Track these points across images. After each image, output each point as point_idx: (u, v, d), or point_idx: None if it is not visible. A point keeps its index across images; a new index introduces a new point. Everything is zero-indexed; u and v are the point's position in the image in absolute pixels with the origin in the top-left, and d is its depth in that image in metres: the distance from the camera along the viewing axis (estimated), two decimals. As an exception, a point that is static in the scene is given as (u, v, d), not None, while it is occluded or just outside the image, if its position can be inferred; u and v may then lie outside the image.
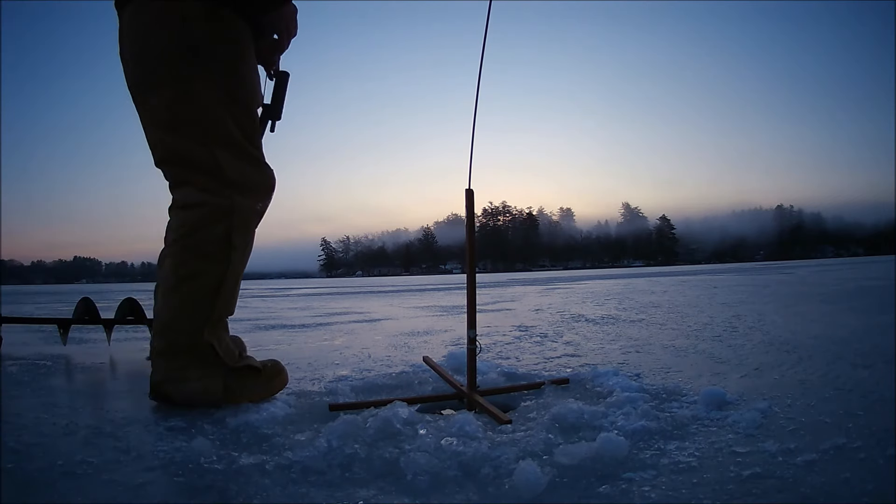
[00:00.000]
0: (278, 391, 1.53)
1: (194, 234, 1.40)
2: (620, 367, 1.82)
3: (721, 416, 1.21)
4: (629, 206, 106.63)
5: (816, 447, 0.99)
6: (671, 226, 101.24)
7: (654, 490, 0.87)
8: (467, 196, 1.43)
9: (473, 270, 1.44)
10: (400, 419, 1.16)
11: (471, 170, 1.55)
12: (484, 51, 1.92)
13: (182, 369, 1.41)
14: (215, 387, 1.41)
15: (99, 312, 2.66)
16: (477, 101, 1.74)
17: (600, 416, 1.20)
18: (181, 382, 1.41)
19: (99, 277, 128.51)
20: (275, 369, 1.53)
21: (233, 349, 1.50)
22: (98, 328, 2.73)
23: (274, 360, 1.57)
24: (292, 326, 3.87)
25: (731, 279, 9.67)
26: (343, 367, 2.02)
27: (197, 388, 1.40)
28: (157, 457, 1.08)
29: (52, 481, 0.96)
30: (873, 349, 1.93)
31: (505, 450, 0.99)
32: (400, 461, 0.97)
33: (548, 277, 17.72)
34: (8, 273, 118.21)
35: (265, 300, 8.46)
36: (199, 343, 1.41)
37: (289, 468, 1.00)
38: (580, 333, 2.84)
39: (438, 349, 2.20)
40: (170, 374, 1.41)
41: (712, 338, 2.44)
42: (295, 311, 5.54)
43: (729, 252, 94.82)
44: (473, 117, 1.68)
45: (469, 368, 1.40)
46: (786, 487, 0.85)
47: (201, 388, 1.40)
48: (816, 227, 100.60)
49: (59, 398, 1.63)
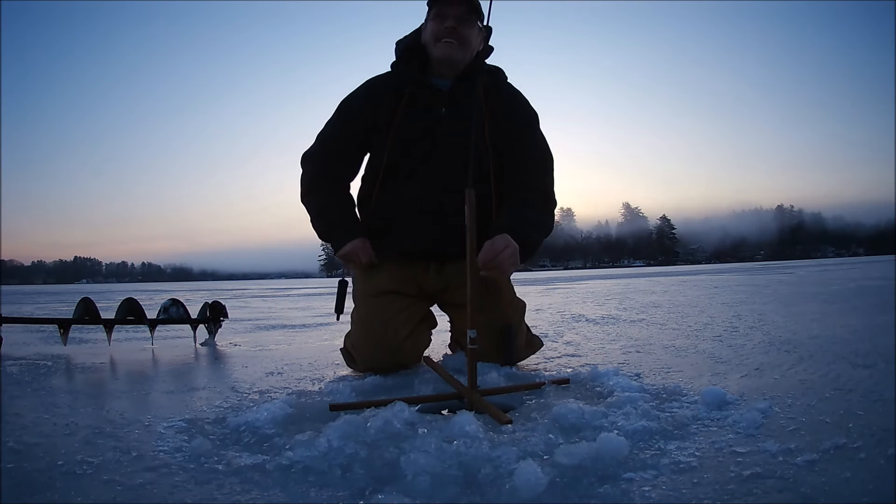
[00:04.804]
0: None
1: None
2: (621, 367, 1.82)
3: (721, 416, 1.21)
4: (629, 206, 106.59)
5: (817, 447, 0.99)
6: (671, 226, 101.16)
7: (654, 490, 0.86)
8: (467, 196, 1.43)
9: (474, 270, 1.44)
10: (400, 419, 1.16)
11: (471, 170, 1.55)
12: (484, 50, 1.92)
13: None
14: None
15: (99, 312, 2.66)
16: (477, 100, 1.74)
17: (601, 416, 1.20)
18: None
19: (99, 278, 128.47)
20: None
21: None
22: (98, 328, 2.73)
23: None
24: (293, 326, 3.87)
25: (731, 279, 9.67)
26: (343, 367, 2.02)
27: None
28: (157, 457, 1.08)
29: (52, 481, 0.96)
30: (873, 349, 1.93)
31: (505, 450, 0.99)
32: (400, 461, 0.97)
33: (548, 277, 17.70)
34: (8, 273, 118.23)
35: (266, 300, 8.46)
36: None
37: (289, 468, 1.00)
38: (580, 333, 2.84)
39: (439, 349, 2.20)
40: None
41: (713, 338, 2.44)
42: (295, 311, 5.54)
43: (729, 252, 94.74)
44: (473, 117, 1.67)
45: (469, 368, 1.40)
46: (786, 487, 0.85)
47: None
48: (817, 227, 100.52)
49: (59, 398, 1.63)
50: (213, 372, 2.11)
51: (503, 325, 1.83)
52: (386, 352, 1.83)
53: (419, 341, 1.95)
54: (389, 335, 1.82)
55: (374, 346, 1.84)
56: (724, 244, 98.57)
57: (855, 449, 0.97)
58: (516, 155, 1.84)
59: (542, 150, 1.91)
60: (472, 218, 1.43)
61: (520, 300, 1.95)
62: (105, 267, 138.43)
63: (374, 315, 1.85)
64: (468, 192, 1.42)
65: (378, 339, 1.83)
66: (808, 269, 13.66)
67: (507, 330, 1.83)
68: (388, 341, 1.82)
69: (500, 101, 1.84)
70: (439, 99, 1.81)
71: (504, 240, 1.61)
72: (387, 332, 1.82)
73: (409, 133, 1.81)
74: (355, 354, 1.91)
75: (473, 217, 1.43)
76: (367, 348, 1.86)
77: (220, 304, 2.89)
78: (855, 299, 4.26)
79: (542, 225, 1.80)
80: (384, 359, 1.84)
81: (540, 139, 1.91)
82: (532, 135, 1.89)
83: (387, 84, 1.85)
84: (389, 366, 1.84)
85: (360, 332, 1.88)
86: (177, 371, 2.12)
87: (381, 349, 1.83)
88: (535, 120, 1.90)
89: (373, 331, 1.83)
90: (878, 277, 7.48)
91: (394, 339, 1.83)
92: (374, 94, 1.85)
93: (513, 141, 1.84)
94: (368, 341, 1.85)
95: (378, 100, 1.83)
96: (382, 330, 1.82)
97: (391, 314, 1.84)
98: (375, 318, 1.84)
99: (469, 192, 1.42)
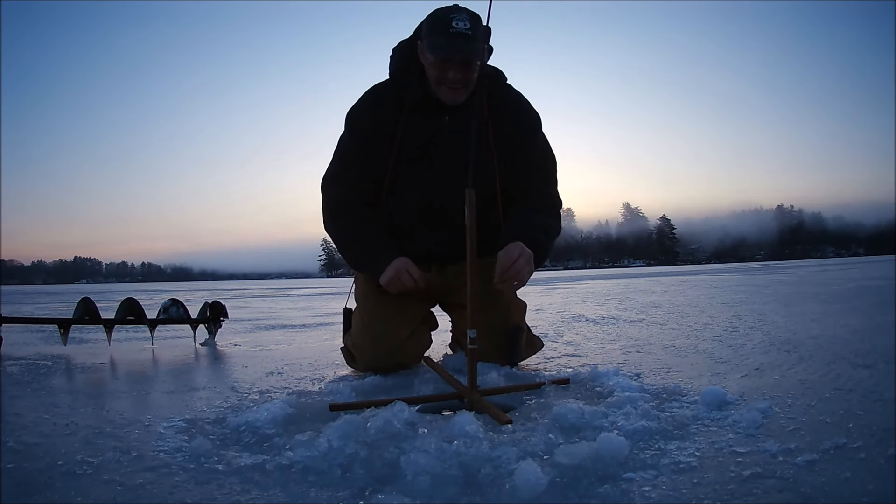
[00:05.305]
0: None
1: None
2: (621, 367, 1.82)
3: (721, 416, 1.21)
4: (629, 206, 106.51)
5: (817, 447, 0.99)
6: (671, 226, 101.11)
7: (654, 490, 0.86)
8: (467, 196, 1.43)
9: (474, 271, 1.44)
10: (400, 419, 1.16)
11: (471, 170, 1.55)
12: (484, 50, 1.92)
13: None
14: None
15: (99, 312, 2.66)
16: (477, 100, 1.74)
17: (601, 416, 1.20)
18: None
19: (99, 278, 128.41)
20: None
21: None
22: (98, 328, 2.73)
23: None
24: (293, 326, 3.87)
25: (731, 279, 9.67)
26: (343, 367, 2.02)
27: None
28: (157, 457, 1.08)
29: (52, 481, 0.96)
30: (873, 349, 1.93)
31: (505, 450, 0.99)
32: (400, 461, 0.97)
33: (548, 277, 17.71)
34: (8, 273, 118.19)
35: (266, 300, 8.47)
36: None
37: (289, 468, 1.00)
38: (580, 333, 2.84)
39: (439, 349, 2.20)
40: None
41: (713, 338, 2.44)
42: (295, 311, 5.54)
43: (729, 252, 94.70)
44: (474, 117, 1.67)
45: (469, 368, 1.40)
46: (786, 487, 0.85)
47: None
48: (817, 227, 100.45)
49: (59, 398, 1.63)
50: (213, 372, 2.11)
51: (509, 326, 1.84)
52: (387, 352, 1.83)
53: (420, 342, 1.95)
54: (391, 335, 1.82)
55: (375, 346, 1.84)
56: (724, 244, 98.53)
57: (855, 449, 0.97)
58: (521, 160, 1.84)
59: (546, 153, 1.90)
60: (472, 218, 1.43)
61: (520, 300, 1.95)
62: (105, 267, 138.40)
63: (375, 315, 1.85)
64: (468, 193, 1.42)
65: (379, 338, 1.83)
66: (808, 269, 13.66)
67: (513, 331, 1.83)
68: (389, 341, 1.82)
69: (503, 106, 1.83)
70: (442, 107, 1.80)
71: (518, 248, 1.61)
72: (388, 331, 1.82)
73: (412, 141, 1.80)
74: (356, 354, 1.91)
75: (473, 217, 1.43)
76: (368, 348, 1.86)
77: (220, 304, 2.89)
78: (855, 299, 4.26)
79: (551, 228, 1.81)
80: (385, 359, 1.84)
81: (543, 142, 1.91)
82: (535, 139, 1.88)
83: (389, 93, 1.84)
84: (390, 366, 1.84)
85: (361, 331, 1.88)
86: (177, 371, 2.12)
87: (383, 349, 1.83)
88: (538, 124, 1.90)
89: (374, 331, 1.84)
90: (878, 277, 7.48)
91: (395, 339, 1.83)
92: (378, 103, 1.83)
93: (517, 146, 1.83)
94: (370, 341, 1.85)
95: (382, 109, 1.82)
96: (384, 330, 1.82)
97: (393, 314, 1.84)
98: (377, 318, 1.84)
99: (469, 192, 1.42)
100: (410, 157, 1.82)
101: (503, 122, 1.82)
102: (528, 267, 1.63)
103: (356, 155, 1.85)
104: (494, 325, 1.78)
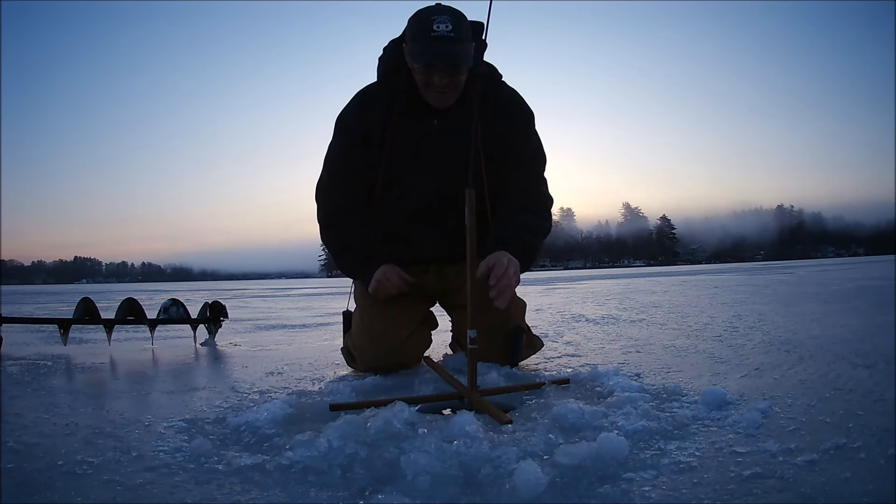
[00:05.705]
0: None
1: None
2: (621, 366, 1.82)
3: (721, 416, 1.21)
4: (629, 206, 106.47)
5: (817, 447, 0.99)
6: (671, 226, 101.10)
7: (654, 490, 0.86)
8: (467, 196, 1.43)
9: (474, 271, 1.44)
10: (400, 419, 1.16)
11: (471, 170, 1.55)
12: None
13: None
14: None
15: (99, 312, 2.66)
16: (477, 100, 1.74)
17: (601, 416, 1.20)
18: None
19: (99, 278, 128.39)
20: None
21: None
22: (98, 328, 2.73)
23: None
24: (293, 326, 3.87)
25: (731, 279, 9.67)
26: (343, 367, 2.02)
27: None
28: (157, 457, 1.08)
29: (52, 481, 0.96)
30: (873, 349, 1.93)
31: (505, 450, 0.99)
32: (400, 461, 0.97)
33: (548, 277, 17.71)
34: (8, 273, 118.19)
35: (265, 300, 8.47)
36: None
37: (289, 468, 1.00)
38: (580, 333, 2.84)
39: (439, 349, 2.20)
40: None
41: (713, 338, 2.44)
42: (295, 311, 5.54)
43: (729, 252, 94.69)
44: (474, 117, 1.68)
45: (469, 368, 1.40)
46: (786, 487, 0.85)
47: None
48: (817, 227, 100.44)
49: (59, 398, 1.64)
50: (213, 372, 2.11)
51: (510, 326, 1.84)
52: (387, 352, 1.83)
53: (420, 342, 1.95)
54: (391, 335, 1.82)
55: (375, 346, 1.84)
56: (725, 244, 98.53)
57: (855, 449, 0.97)
58: (510, 157, 1.82)
59: (536, 150, 1.88)
60: (472, 218, 1.43)
61: (520, 300, 1.95)
62: (105, 267, 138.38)
63: (375, 315, 1.85)
64: (468, 192, 1.42)
65: (379, 338, 1.83)
66: (808, 269, 13.66)
67: (514, 332, 1.83)
68: (389, 341, 1.82)
69: (494, 104, 1.80)
70: (431, 109, 1.77)
71: (503, 259, 1.57)
72: (388, 331, 1.82)
73: (402, 144, 1.79)
74: (356, 354, 1.91)
75: (473, 217, 1.43)
76: (368, 348, 1.86)
77: (220, 304, 2.89)
78: (855, 299, 4.26)
79: (539, 228, 1.80)
80: (385, 359, 1.84)
81: (534, 139, 1.88)
82: (526, 136, 1.86)
83: (377, 96, 1.81)
84: (390, 366, 1.84)
85: (361, 332, 1.88)
86: (177, 371, 2.12)
87: (383, 349, 1.83)
88: (529, 121, 1.87)
89: (374, 330, 1.84)
90: (878, 277, 7.48)
91: (395, 339, 1.83)
92: (367, 107, 1.81)
93: (506, 144, 1.81)
94: (370, 341, 1.85)
95: (371, 113, 1.80)
96: (384, 330, 1.82)
97: (393, 314, 1.84)
98: (377, 319, 1.84)
99: (469, 192, 1.42)
100: (401, 161, 1.81)
101: (495, 120, 1.80)
102: (516, 278, 1.61)
103: (347, 161, 1.85)
104: (494, 326, 1.78)
